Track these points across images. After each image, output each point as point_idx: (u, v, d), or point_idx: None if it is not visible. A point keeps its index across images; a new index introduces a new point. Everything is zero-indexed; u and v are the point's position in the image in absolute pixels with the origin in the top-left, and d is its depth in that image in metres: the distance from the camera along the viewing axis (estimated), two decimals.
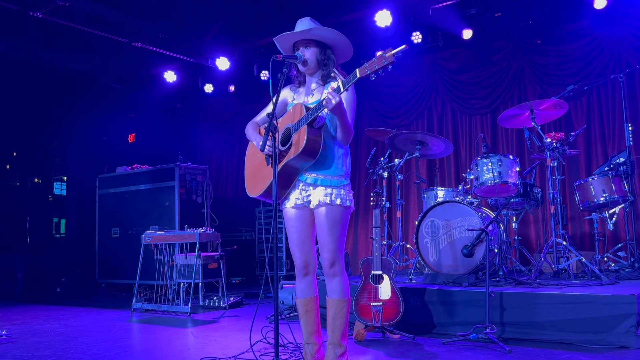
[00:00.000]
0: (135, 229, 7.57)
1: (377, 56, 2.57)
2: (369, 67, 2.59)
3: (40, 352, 3.91)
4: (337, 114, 2.79)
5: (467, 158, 7.33)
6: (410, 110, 7.88)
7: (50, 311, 6.03)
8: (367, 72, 2.60)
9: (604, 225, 5.24)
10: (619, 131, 6.37)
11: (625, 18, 6.29)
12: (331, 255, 2.93)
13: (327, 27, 2.97)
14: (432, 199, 5.40)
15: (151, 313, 5.72)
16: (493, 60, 7.27)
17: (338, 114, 2.79)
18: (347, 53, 3.08)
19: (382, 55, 2.55)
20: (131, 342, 4.38)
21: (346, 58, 3.09)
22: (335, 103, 2.69)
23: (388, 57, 2.54)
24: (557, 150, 4.68)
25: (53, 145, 9.33)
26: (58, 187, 9.48)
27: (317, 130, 2.87)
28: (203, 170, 7.63)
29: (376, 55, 2.58)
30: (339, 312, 2.97)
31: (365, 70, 2.61)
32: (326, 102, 2.71)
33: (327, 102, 2.70)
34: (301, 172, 2.97)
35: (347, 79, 2.72)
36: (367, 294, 4.06)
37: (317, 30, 2.98)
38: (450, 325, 4.12)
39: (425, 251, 4.90)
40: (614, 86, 6.37)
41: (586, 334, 3.60)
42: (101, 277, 8.06)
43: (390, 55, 2.53)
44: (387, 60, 2.54)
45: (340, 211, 2.93)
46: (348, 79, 2.71)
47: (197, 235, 5.67)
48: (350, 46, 3.04)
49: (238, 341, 4.08)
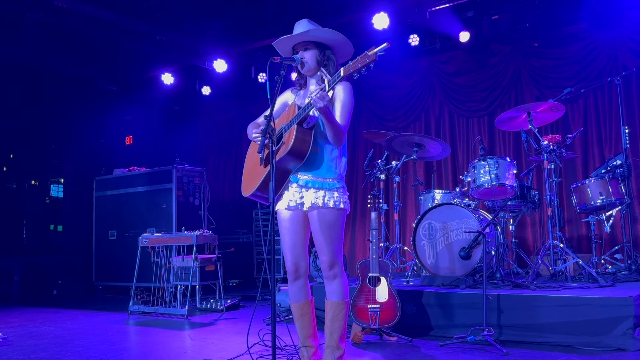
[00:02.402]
0: (132, 231, 7.55)
1: (360, 55, 2.59)
2: (353, 65, 2.61)
3: (37, 355, 3.90)
4: (323, 112, 2.76)
5: (465, 160, 7.34)
6: (408, 113, 7.89)
7: (47, 314, 6.01)
8: (350, 71, 2.62)
9: (600, 227, 5.24)
10: (616, 134, 6.38)
11: (622, 21, 6.31)
12: (328, 257, 2.93)
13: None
14: (430, 201, 5.40)
15: (148, 315, 5.71)
16: (490, 62, 7.29)
17: (324, 112, 2.76)
18: (347, 52, 3.08)
19: (365, 54, 2.57)
20: (128, 344, 4.37)
21: (347, 57, 3.09)
22: (323, 103, 2.69)
23: (370, 56, 2.55)
24: (554, 152, 4.69)
25: (50, 147, 9.31)
26: (55, 189, 9.46)
27: (308, 130, 2.86)
28: (200, 173, 7.62)
29: (359, 55, 2.60)
30: (337, 315, 2.97)
31: (349, 69, 2.62)
32: (314, 101, 2.72)
33: (315, 101, 2.71)
34: (293, 173, 2.97)
35: (332, 78, 2.73)
36: (364, 297, 4.05)
37: (314, 31, 2.98)
38: (447, 328, 4.12)
39: (422, 253, 4.90)
40: (610, 89, 6.39)
41: (583, 336, 3.61)
42: (98, 279, 8.03)
43: (373, 53, 2.55)
44: (370, 58, 2.55)
45: (333, 214, 2.91)
46: (333, 77, 2.73)
47: (194, 238, 5.67)
48: (350, 44, 3.05)
49: (235, 344, 4.07)
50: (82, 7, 6.56)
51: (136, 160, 8.29)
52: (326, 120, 2.81)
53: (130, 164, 8.05)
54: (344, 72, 2.64)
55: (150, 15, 7.10)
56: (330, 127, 2.84)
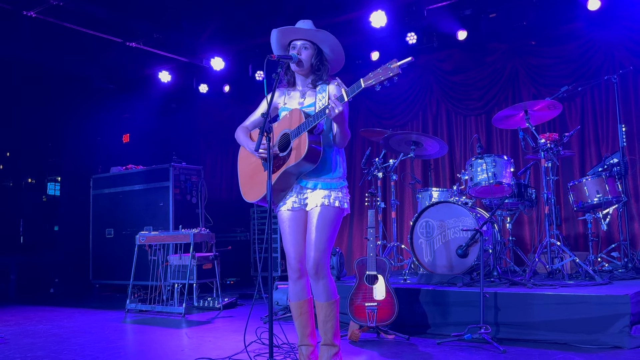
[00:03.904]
0: (129, 230, 7.54)
1: (382, 67, 2.57)
2: (374, 77, 2.59)
3: (34, 353, 3.89)
4: (338, 122, 2.81)
5: (462, 159, 7.34)
6: (405, 111, 7.89)
7: (44, 312, 6.00)
8: (372, 83, 2.60)
9: (597, 225, 5.25)
10: (613, 132, 6.39)
11: (619, 20, 6.31)
12: (317, 255, 2.88)
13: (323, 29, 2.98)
14: (427, 199, 5.41)
15: (145, 314, 5.70)
16: (487, 61, 7.29)
17: (340, 122, 2.81)
18: (339, 64, 3.10)
19: (387, 67, 2.54)
20: (125, 342, 4.37)
21: (336, 69, 3.11)
22: (338, 112, 2.71)
23: (393, 69, 2.53)
24: (551, 150, 4.69)
25: (47, 145, 9.28)
26: (52, 187, 9.44)
27: (317, 136, 2.88)
28: (197, 171, 7.61)
29: (381, 66, 2.57)
30: (328, 315, 2.97)
31: (370, 81, 2.60)
32: (329, 111, 2.72)
33: (331, 110, 2.71)
34: (300, 177, 2.97)
35: (351, 88, 2.71)
36: (361, 295, 4.06)
37: (321, 33, 2.97)
38: (444, 326, 4.12)
39: (419, 252, 4.90)
40: (607, 87, 6.40)
41: (580, 334, 3.62)
42: (95, 277, 8.02)
43: (396, 66, 2.52)
44: (393, 71, 2.53)
45: (334, 212, 2.92)
46: (352, 88, 2.70)
47: (191, 236, 5.66)
48: (343, 58, 3.06)
49: (232, 342, 4.07)
50: (79, 4, 6.54)
51: (133, 158, 8.27)
52: (340, 128, 2.85)
53: (127, 162, 8.03)
54: (364, 83, 2.63)
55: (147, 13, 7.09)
56: (342, 133, 2.88)
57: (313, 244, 2.90)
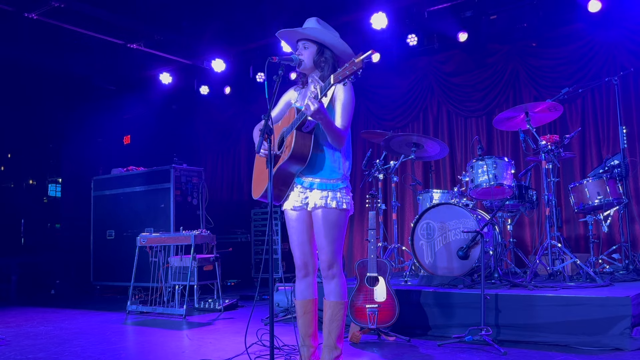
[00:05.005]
0: (130, 231, 7.54)
1: (349, 62, 2.60)
2: (342, 73, 2.62)
3: (34, 355, 3.89)
4: (318, 120, 2.76)
5: (463, 160, 7.34)
6: (406, 113, 7.89)
7: (45, 313, 6.00)
8: (339, 79, 2.63)
9: (598, 227, 5.25)
10: (614, 134, 6.39)
11: (619, 21, 6.31)
12: (328, 257, 2.95)
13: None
14: (428, 201, 5.40)
15: (146, 315, 5.70)
16: (488, 62, 7.29)
17: (319, 119, 2.75)
18: (348, 56, 3.05)
19: (352, 61, 2.58)
20: (126, 344, 4.37)
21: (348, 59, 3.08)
22: (313, 110, 2.68)
23: (357, 63, 2.56)
24: (552, 152, 4.69)
25: (48, 146, 9.30)
26: (53, 188, 9.44)
27: (307, 134, 2.88)
28: (198, 172, 7.62)
29: (348, 62, 2.61)
30: (335, 315, 2.98)
31: (338, 77, 2.63)
32: (305, 109, 2.72)
33: (307, 108, 2.71)
34: (297, 175, 2.99)
35: (324, 86, 2.74)
36: (362, 296, 4.06)
37: (311, 30, 2.98)
38: (445, 328, 4.12)
39: (420, 253, 4.90)
40: (608, 89, 6.40)
41: (581, 335, 3.61)
42: (96, 279, 8.02)
43: (359, 61, 2.56)
44: (356, 66, 2.57)
45: (335, 214, 2.93)
46: (324, 85, 2.74)
47: (192, 238, 5.66)
48: (348, 48, 3.04)
49: (233, 343, 4.07)
50: (80, 6, 6.55)
51: (134, 159, 8.27)
52: (323, 126, 2.82)
53: (128, 163, 8.03)
54: (333, 79, 2.65)
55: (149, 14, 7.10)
56: (328, 131, 2.85)
57: (323, 247, 2.96)
